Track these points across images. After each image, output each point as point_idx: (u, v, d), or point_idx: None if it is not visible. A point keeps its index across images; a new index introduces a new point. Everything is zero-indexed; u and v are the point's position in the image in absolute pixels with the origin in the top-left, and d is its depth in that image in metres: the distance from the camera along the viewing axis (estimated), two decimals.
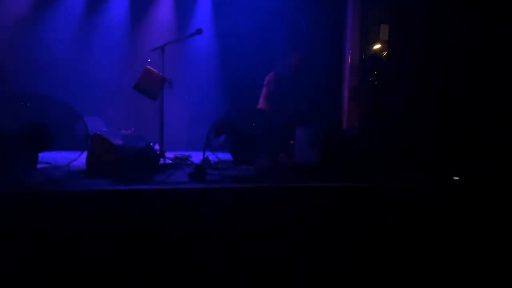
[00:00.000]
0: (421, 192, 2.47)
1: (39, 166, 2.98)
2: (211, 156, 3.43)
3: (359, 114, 5.08)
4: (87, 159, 2.86)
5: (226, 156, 3.93)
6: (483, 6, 3.20)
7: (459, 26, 3.35)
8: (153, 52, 3.73)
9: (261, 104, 4.32)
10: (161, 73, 3.67)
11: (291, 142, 3.89)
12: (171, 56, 4.10)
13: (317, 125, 3.52)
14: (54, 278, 1.93)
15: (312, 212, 2.30)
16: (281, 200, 2.30)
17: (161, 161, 3.41)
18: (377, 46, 5.13)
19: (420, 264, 2.31)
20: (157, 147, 3.76)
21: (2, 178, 2.32)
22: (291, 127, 3.84)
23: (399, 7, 4.17)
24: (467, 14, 3.29)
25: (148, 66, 3.76)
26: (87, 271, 1.97)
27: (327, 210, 2.33)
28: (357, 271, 2.25)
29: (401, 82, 4.01)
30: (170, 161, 3.53)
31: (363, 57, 5.22)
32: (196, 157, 3.74)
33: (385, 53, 4.92)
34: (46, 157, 3.27)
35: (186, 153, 3.95)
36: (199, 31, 3.69)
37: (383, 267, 2.28)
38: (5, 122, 3.11)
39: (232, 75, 5.88)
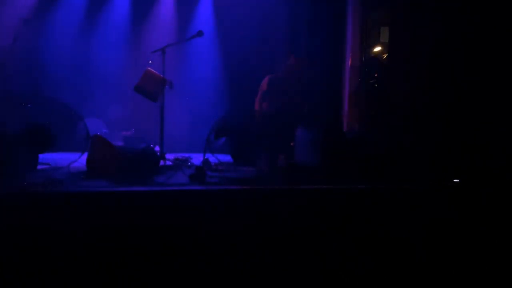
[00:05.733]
0: (421, 195, 2.47)
1: (39, 167, 2.99)
2: (211, 158, 3.44)
3: (360, 116, 5.08)
4: (87, 160, 2.86)
5: (226, 157, 3.93)
6: (483, 8, 3.21)
7: (460, 28, 3.35)
8: (154, 53, 3.74)
9: (255, 105, 4.37)
10: (161, 75, 3.68)
11: (292, 144, 3.89)
12: (172, 58, 4.11)
13: (318, 127, 3.52)
14: (54, 278, 1.93)
15: (312, 214, 2.30)
16: (281, 202, 2.30)
17: (161, 162, 3.41)
18: (378, 49, 5.14)
19: (419, 267, 2.31)
20: (157, 148, 3.76)
21: (3, 179, 2.32)
22: (292, 129, 3.85)
23: (399, 9, 4.18)
24: (467, 16, 3.30)
25: (149, 68, 3.76)
26: (86, 272, 1.97)
27: (327, 212, 2.33)
28: (357, 273, 2.25)
29: (401, 85, 4.02)
30: (170, 163, 3.53)
31: (363, 59, 5.23)
32: (196, 158, 3.74)
33: (385, 56, 4.92)
34: (47, 158, 3.27)
35: (186, 155, 3.96)
36: (200, 33, 3.69)
37: (383, 269, 2.28)
38: (6, 122, 3.12)
39: (233, 77, 5.90)
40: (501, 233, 2.38)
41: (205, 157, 3.21)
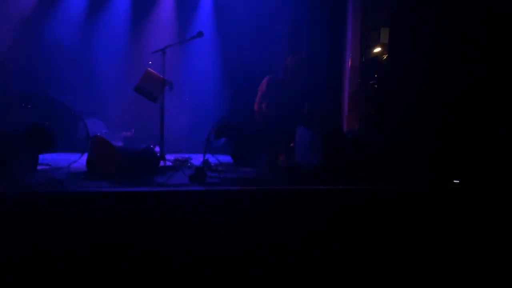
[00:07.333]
0: (421, 195, 2.47)
1: (39, 167, 2.99)
2: (211, 158, 3.43)
3: (359, 117, 5.09)
4: (87, 160, 2.86)
5: (226, 158, 3.93)
6: (483, 9, 3.21)
7: (460, 29, 3.36)
8: (154, 54, 3.74)
9: (255, 106, 4.37)
10: (162, 75, 3.68)
11: (292, 144, 3.90)
12: (172, 58, 4.11)
13: (318, 127, 3.52)
14: (54, 278, 1.93)
15: (312, 214, 2.30)
16: (281, 203, 2.30)
17: (161, 163, 3.41)
18: (377, 50, 5.14)
19: (419, 267, 2.31)
20: (157, 149, 3.76)
21: (3, 179, 2.32)
22: (292, 130, 3.85)
23: (399, 10, 4.18)
24: (467, 17, 3.30)
25: (149, 68, 3.77)
26: (86, 272, 1.97)
27: (327, 213, 2.33)
28: (357, 273, 2.25)
29: (401, 85, 4.02)
30: (170, 163, 3.53)
31: (363, 60, 5.23)
32: (196, 159, 3.74)
33: (385, 57, 4.93)
34: (47, 158, 3.27)
35: (186, 155, 3.96)
36: (200, 34, 3.70)
37: (383, 269, 2.28)
38: (6, 123, 3.13)
39: (233, 77, 5.90)
40: (501, 233, 2.38)
41: (205, 158, 3.21)
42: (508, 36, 3.07)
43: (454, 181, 2.78)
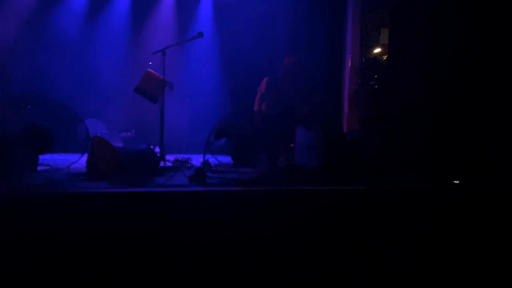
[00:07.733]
0: (421, 196, 2.47)
1: (39, 168, 2.99)
2: (211, 159, 3.44)
3: (359, 117, 5.09)
4: (88, 161, 2.86)
5: (226, 159, 3.93)
6: (482, 10, 3.22)
7: (459, 30, 3.36)
8: (154, 55, 3.75)
9: (254, 106, 4.38)
10: (162, 76, 3.68)
11: (292, 144, 3.90)
12: (172, 59, 4.11)
13: (318, 128, 3.52)
14: (53, 279, 1.93)
15: (312, 215, 2.30)
16: (281, 203, 2.30)
17: (161, 163, 3.41)
18: (377, 50, 5.15)
19: (419, 267, 2.31)
20: (157, 149, 3.76)
21: (2, 179, 2.33)
22: (292, 130, 3.85)
23: (399, 11, 4.18)
24: (466, 18, 3.31)
25: (149, 69, 3.77)
26: (86, 273, 1.97)
27: (327, 213, 2.33)
28: (357, 273, 2.25)
29: (401, 86, 4.02)
30: (170, 164, 3.54)
31: (363, 60, 5.23)
32: (196, 160, 3.74)
33: (385, 57, 4.93)
34: (47, 159, 3.27)
35: (186, 156, 3.96)
36: (200, 35, 3.70)
37: (383, 270, 2.28)
38: (6, 123, 3.13)
39: (233, 78, 5.90)
40: (501, 233, 2.38)
41: (205, 158, 3.21)
42: (508, 36, 3.07)
43: (454, 181, 2.78)
